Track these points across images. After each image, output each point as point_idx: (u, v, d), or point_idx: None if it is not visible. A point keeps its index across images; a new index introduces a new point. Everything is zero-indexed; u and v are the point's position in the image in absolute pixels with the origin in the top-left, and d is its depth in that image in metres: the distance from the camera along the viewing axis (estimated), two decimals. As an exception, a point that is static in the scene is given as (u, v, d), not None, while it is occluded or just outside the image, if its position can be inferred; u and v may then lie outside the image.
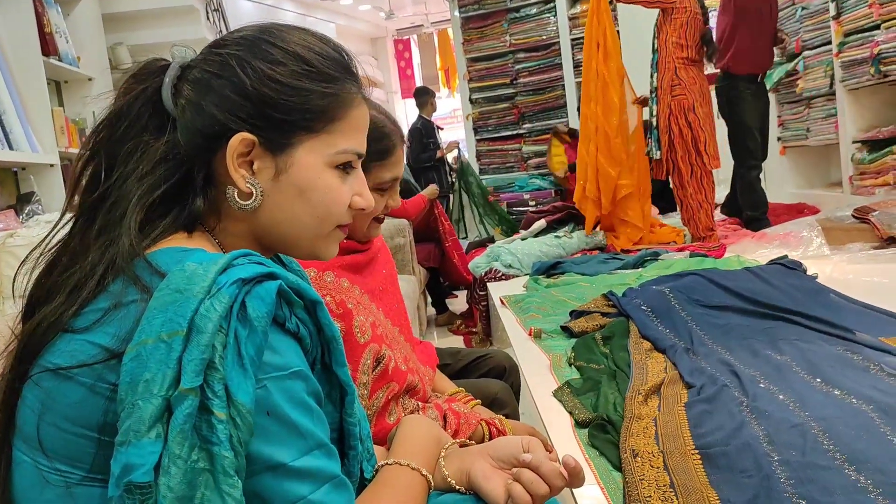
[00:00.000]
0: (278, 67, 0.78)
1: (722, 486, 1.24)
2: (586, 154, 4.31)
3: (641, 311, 2.37)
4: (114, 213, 0.75)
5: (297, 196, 0.81)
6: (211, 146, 0.78)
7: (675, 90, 4.11)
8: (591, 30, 4.30)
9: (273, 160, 0.80)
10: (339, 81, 0.82)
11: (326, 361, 0.77)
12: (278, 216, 0.81)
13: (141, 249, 0.73)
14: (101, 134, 0.79)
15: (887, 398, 1.48)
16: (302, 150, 0.80)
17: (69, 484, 0.67)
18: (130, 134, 0.78)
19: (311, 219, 0.82)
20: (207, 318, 0.63)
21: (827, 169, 5.44)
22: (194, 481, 0.61)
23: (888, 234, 3.31)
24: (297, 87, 0.79)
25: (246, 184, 0.78)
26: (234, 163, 0.78)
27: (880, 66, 3.95)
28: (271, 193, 0.80)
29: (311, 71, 0.80)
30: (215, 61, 0.79)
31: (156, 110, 0.79)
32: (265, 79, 0.78)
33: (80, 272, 0.72)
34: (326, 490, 0.68)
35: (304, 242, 0.84)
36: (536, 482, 0.83)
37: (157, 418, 0.61)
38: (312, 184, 0.81)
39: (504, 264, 3.92)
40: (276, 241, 0.84)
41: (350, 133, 0.83)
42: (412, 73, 11.98)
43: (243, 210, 0.79)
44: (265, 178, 0.80)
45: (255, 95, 0.77)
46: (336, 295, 1.24)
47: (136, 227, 0.74)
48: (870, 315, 2.17)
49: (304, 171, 0.80)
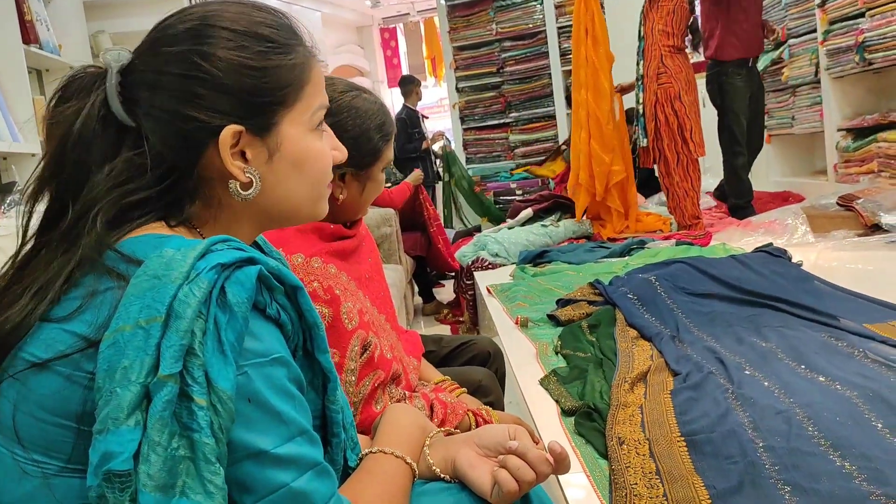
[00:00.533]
0: (243, 52, 0.77)
1: (707, 473, 1.25)
2: (578, 141, 4.30)
3: (628, 300, 2.37)
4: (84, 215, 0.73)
5: (292, 170, 0.81)
6: (198, 148, 0.77)
7: (661, 78, 4.10)
8: (578, 16, 4.29)
9: (263, 144, 0.79)
10: (296, 48, 0.82)
11: (308, 348, 0.76)
12: (279, 194, 0.81)
13: (110, 241, 0.71)
14: (49, 170, 0.76)
15: (872, 384, 1.48)
16: (285, 125, 0.80)
17: (47, 475, 0.66)
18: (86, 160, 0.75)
19: (307, 187, 0.83)
20: (186, 304, 0.63)
21: (812, 157, 5.46)
22: (175, 469, 0.60)
23: (872, 222, 3.33)
24: (268, 67, 0.78)
25: (245, 174, 0.78)
26: (229, 157, 0.77)
27: (865, 53, 3.96)
28: (268, 176, 0.80)
29: (273, 46, 0.79)
30: (174, 60, 0.76)
31: (106, 124, 0.76)
32: (237, 67, 0.76)
33: (48, 272, 0.71)
34: (309, 477, 0.68)
35: (304, 210, 0.85)
36: (523, 469, 0.82)
37: (136, 405, 0.61)
38: (304, 154, 0.82)
39: (491, 253, 3.92)
40: (276, 218, 0.84)
41: (316, 92, 0.84)
42: (398, 62, 11.92)
43: (247, 199, 0.79)
44: (260, 162, 0.79)
45: (232, 86, 0.76)
46: (324, 281, 1.23)
47: (101, 225, 0.72)
48: (854, 302, 2.18)
49: (293, 145, 0.81)
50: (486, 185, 6.64)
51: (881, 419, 1.34)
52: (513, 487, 0.82)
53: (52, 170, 0.76)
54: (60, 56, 4.15)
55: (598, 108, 4.23)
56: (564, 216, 4.64)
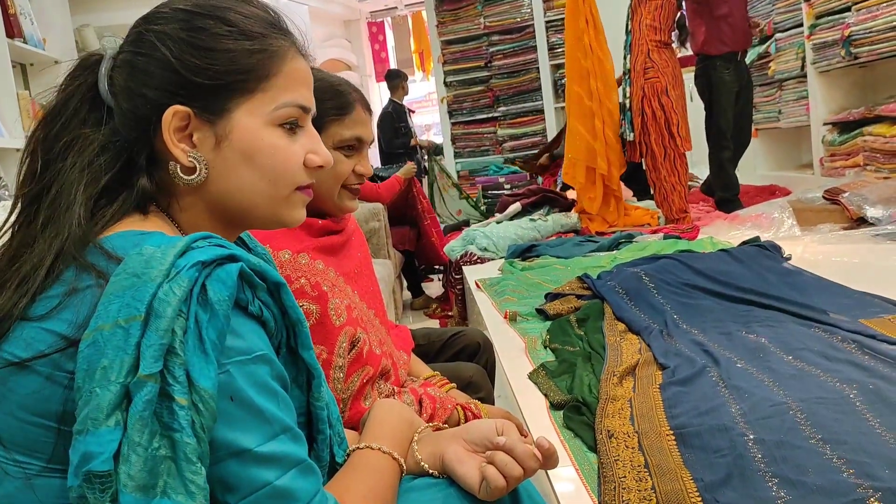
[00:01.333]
0: (198, 34, 0.77)
1: (695, 466, 1.25)
2: (591, 130, 4.25)
3: (616, 294, 2.37)
4: (57, 205, 0.73)
5: (242, 162, 0.79)
6: (148, 126, 0.77)
7: (648, 73, 4.11)
8: (577, 6, 4.26)
9: (212, 129, 0.78)
10: (264, 37, 0.80)
11: (292, 345, 0.76)
12: (229, 186, 0.79)
13: (92, 235, 0.71)
14: (38, 133, 0.78)
15: (865, 378, 1.49)
16: (240, 113, 0.78)
17: (28, 475, 0.65)
18: (68, 129, 0.77)
19: (263, 184, 0.80)
20: (166, 303, 0.62)
21: (798, 151, 5.49)
22: (155, 469, 0.60)
23: (858, 215, 3.35)
24: (221, 50, 0.77)
25: (188, 158, 0.77)
26: (171, 138, 0.76)
27: (851, 48, 3.98)
28: (216, 163, 0.78)
29: (232, 31, 0.78)
30: (136, 41, 0.78)
31: (93, 105, 0.78)
32: (187, 47, 0.76)
33: (27, 265, 0.70)
34: (293, 475, 0.68)
35: (263, 210, 0.82)
36: (510, 464, 0.82)
37: (116, 405, 0.60)
38: (256, 146, 0.79)
39: (479, 247, 3.92)
40: (233, 212, 0.82)
41: (288, 87, 0.81)
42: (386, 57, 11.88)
43: (190, 185, 0.78)
44: (207, 148, 0.78)
45: (181, 66, 0.76)
46: (311, 277, 1.22)
47: (84, 214, 0.72)
48: (845, 296, 2.18)
49: (245, 135, 0.78)
50: (474, 180, 6.63)
51: (873, 413, 1.35)
52: (500, 483, 0.81)
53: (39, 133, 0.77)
54: (45, 50, 4.11)
55: (608, 98, 4.22)
56: (553, 210, 4.64)
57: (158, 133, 0.77)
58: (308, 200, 0.86)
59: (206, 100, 0.77)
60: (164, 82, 0.76)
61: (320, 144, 0.86)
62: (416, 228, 4.68)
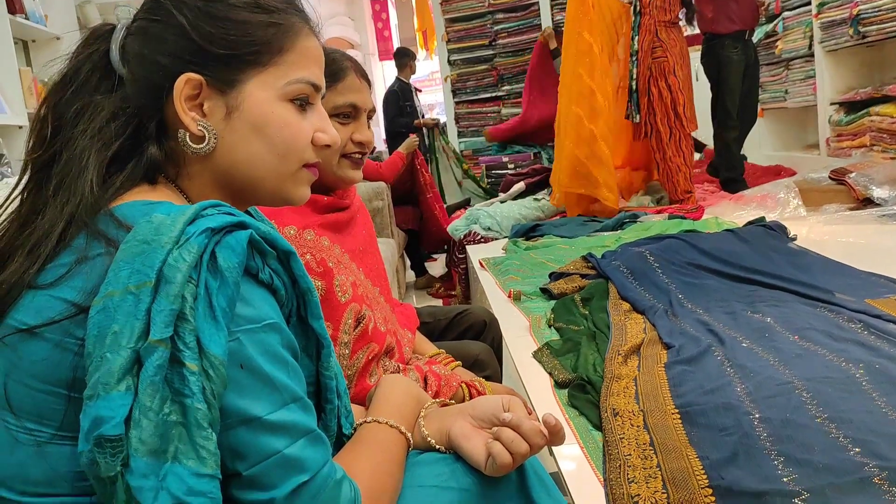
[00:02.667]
0: (215, 3, 0.77)
1: (701, 444, 1.25)
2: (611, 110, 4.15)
3: (620, 273, 2.37)
4: (68, 172, 0.73)
5: (252, 134, 0.79)
6: (159, 94, 0.76)
7: (656, 52, 4.07)
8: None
9: (223, 99, 0.77)
10: (281, 12, 0.80)
11: (302, 314, 0.76)
12: (237, 157, 0.79)
13: (104, 202, 0.71)
14: (49, 99, 0.77)
15: (872, 358, 1.49)
16: (252, 85, 0.78)
17: (39, 443, 0.65)
18: (79, 96, 0.77)
19: (271, 157, 0.80)
20: (176, 269, 0.62)
21: (804, 131, 5.46)
22: (167, 434, 0.60)
23: (864, 196, 3.33)
24: (237, 20, 0.77)
25: (197, 126, 0.76)
26: (182, 105, 0.76)
27: (859, 26, 3.94)
28: (226, 134, 0.78)
29: (248, 3, 0.78)
30: (152, 8, 0.78)
31: (105, 72, 0.78)
32: (203, 16, 0.76)
33: (38, 231, 0.70)
34: (302, 444, 0.68)
35: (269, 184, 0.81)
36: (517, 441, 0.82)
37: (127, 370, 0.60)
38: (266, 119, 0.79)
39: (483, 227, 3.91)
40: (240, 185, 0.81)
41: (301, 64, 0.81)
42: (389, 35, 11.80)
43: (198, 154, 0.77)
44: (217, 118, 0.78)
45: (195, 34, 0.76)
46: (316, 253, 1.22)
47: (97, 180, 0.72)
48: (852, 276, 2.18)
49: (256, 107, 0.78)
50: (477, 159, 6.60)
51: (879, 392, 1.34)
52: (507, 460, 0.81)
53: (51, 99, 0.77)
54: (46, 27, 4.09)
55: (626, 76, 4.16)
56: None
57: (169, 101, 0.76)
58: (314, 179, 0.86)
59: (219, 69, 0.77)
60: (178, 49, 0.76)
61: (329, 124, 0.85)
62: (419, 207, 4.66)
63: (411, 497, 0.79)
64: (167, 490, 0.59)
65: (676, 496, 1.11)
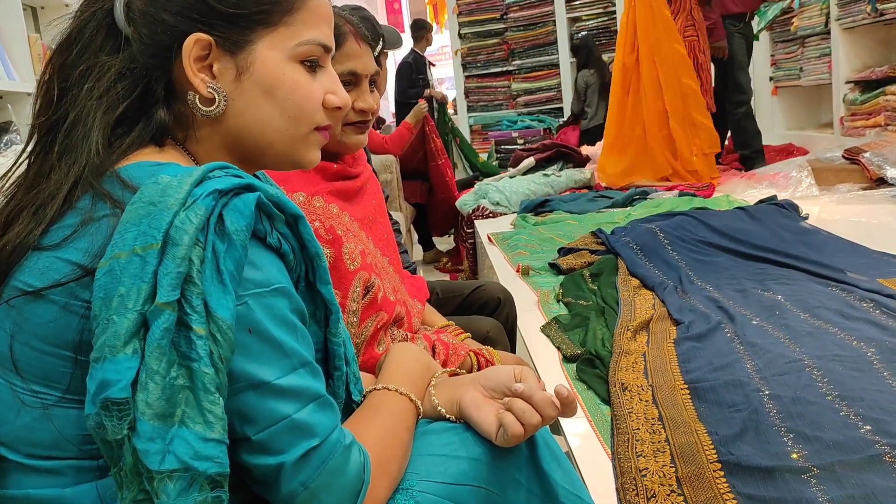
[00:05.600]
0: None
1: (710, 420, 1.24)
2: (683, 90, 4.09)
3: (630, 249, 2.36)
4: (74, 133, 0.71)
5: (263, 96, 0.77)
6: (167, 54, 0.74)
7: (688, 31, 4.04)
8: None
9: (233, 60, 0.76)
10: None
11: (311, 279, 0.74)
12: (247, 120, 0.77)
13: (110, 164, 0.70)
14: (54, 60, 0.75)
15: (883, 336, 1.48)
16: (262, 45, 0.76)
17: (45, 405, 0.65)
18: (84, 56, 0.74)
19: (282, 119, 0.78)
20: (183, 231, 0.61)
21: (818, 110, 5.40)
22: (174, 398, 0.59)
23: (878, 176, 3.30)
24: None
25: (207, 88, 0.75)
26: (191, 67, 0.74)
27: (877, 3, 3.88)
28: (236, 96, 0.76)
29: None
30: None
31: (110, 32, 0.75)
32: None
33: (44, 192, 0.69)
34: (311, 409, 0.67)
35: (280, 147, 0.80)
36: (528, 412, 0.81)
37: (134, 333, 0.59)
38: (278, 81, 0.77)
39: (492, 202, 3.89)
40: (250, 148, 0.80)
41: (311, 23, 0.79)
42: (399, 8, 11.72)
43: (207, 116, 0.76)
44: (227, 80, 0.76)
45: None
46: (325, 221, 1.20)
47: (102, 142, 0.70)
48: (863, 256, 2.16)
49: (267, 68, 0.76)
50: (487, 134, 6.57)
51: (890, 371, 1.33)
52: (518, 431, 0.80)
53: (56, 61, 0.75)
54: (55, -7, 4.05)
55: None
56: (567, 166, 4.60)
57: (178, 62, 0.74)
58: (325, 142, 0.84)
59: (229, 29, 0.75)
60: (185, 8, 0.74)
61: (339, 85, 0.83)
62: (429, 175, 4.58)
63: (420, 465, 0.79)
64: (174, 454, 0.59)
65: (685, 470, 1.10)
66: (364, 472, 0.71)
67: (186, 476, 0.59)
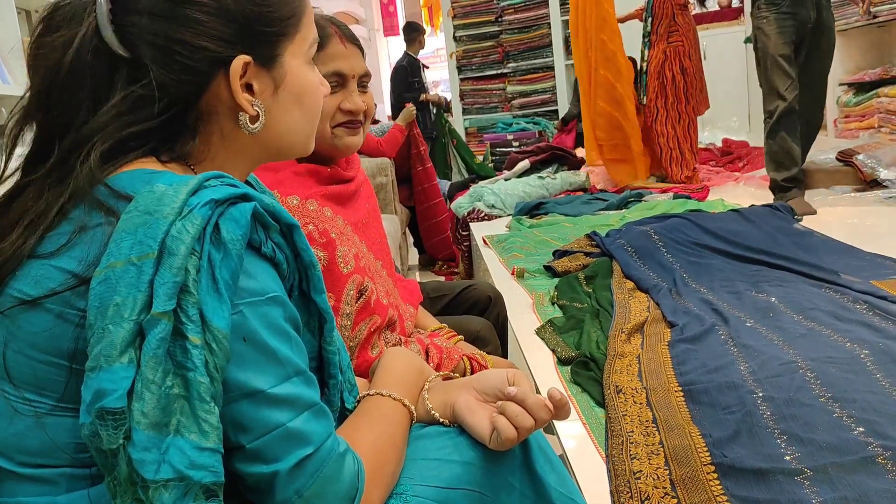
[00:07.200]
0: None
1: (704, 422, 1.25)
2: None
3: (625, 252, 2.36)
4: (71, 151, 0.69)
5: (294, 104, 0.80)
6: (204, 79, 0.74)
7: (672, 36, 4.05)
8: None
9: (269, 76, 0.78)
10: None
11: (304, 288, 0.75)
12: (280, 128, 0.80)
13: (102, 175, 0.68)
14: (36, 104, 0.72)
15: (877, 338, 1.48)
16: (288, 56, 0.79)
17: (39, 414, 0.65)
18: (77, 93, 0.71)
19: (306, 122, 0.83)
20: (179, 241, 0.61)
21: (812, 112, 5.40)
22: (169, 407, 0.59)
23: (871, 177, 3.31)
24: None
25: (253, 107, 0.76)
26: (239, 89, 0.74)
27: (871, 6, 3.90)
28: (272, 108, 0.79)
29: None
30: None
31: (98, 55, 0.71)
32: None
33: (34, 210, 0.68)
34: (306, 418, 0.67)
35: (299, 146, 0.85)
36: (521, 415, 0.81)
37: (129, 343, 0.59)
38: (304, 87, 0.81)
39: (487, 204, 3.90)
40: (274, 153, 0.83)
41: (310, 23, 0.83)
42: (395, 10, 11.70)
43: (254, 133, 0.77)
44: (266, 95, 0.78)
45: (239, 14, 0.74)
46: (319, 224, 1.20)
47: (96, 158, 0.68)
48: (857, 258, 2.17)
49: (296, 78, 0.80)
50: (482, 137, 6.56)
51: (884, 373, 1.34)
52: (511, 434, 0.80)
53: (38, 103, 0.72)
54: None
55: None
56: (562, 168, 4.60)
57: (210, 84, 0.74)
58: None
59: (263, 47, 0.76)
60: (223, 32, 0.73)
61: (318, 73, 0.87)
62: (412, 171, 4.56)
63: (414, 469, 0.79)
64: (169, 463, 0.59)
65: (678, 473, 1.11)
66: (358, 479, 0.71)
67: (181, 485, 0.59)
